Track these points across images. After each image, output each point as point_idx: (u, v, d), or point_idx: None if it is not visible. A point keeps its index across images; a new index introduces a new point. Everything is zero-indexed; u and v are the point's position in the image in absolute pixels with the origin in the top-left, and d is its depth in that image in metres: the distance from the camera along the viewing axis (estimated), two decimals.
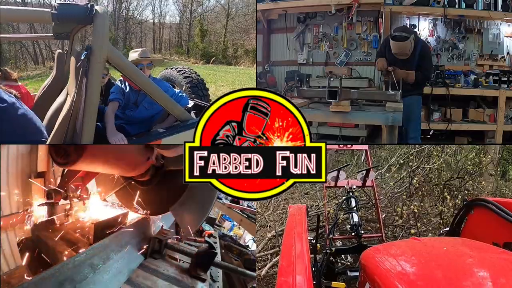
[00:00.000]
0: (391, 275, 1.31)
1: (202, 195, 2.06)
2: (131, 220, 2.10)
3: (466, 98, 5.16)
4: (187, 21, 19.38)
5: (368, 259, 1.57)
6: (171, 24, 19.97)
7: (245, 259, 3.82)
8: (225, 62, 17.94)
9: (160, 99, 2.69)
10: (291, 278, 1.32)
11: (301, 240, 1.73)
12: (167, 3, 20.01)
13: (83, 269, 1.37)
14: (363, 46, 5.85)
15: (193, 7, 19.13)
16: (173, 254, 1.95)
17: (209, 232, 3.30)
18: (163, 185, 2.14)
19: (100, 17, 2.34)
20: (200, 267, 1.88)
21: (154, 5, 19.66)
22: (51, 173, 3.15)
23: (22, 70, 14.48)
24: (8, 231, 2.73)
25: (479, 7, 5.10)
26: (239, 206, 5.73)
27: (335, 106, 3.91)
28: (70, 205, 2.01)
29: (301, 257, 1.50)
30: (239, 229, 6.37)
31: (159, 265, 1.85)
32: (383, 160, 6.32)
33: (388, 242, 2.61)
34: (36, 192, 2.97)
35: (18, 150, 2.97)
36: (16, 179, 2.92)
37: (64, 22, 2.48)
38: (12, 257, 2.74)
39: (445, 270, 1.23)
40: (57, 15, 2.37)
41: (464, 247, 1.52)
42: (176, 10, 19.86)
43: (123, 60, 2.54)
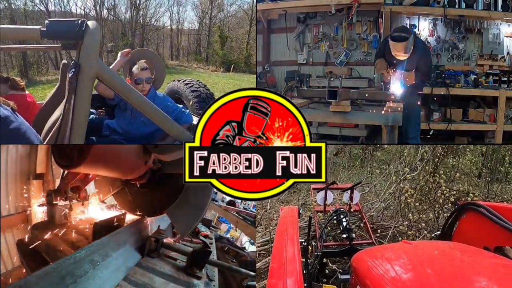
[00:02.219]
0: (382, 278, 1.30)
1: (196, 198, 2.10)
2: (129, 220, 2.17)
3: (466, 98, 5.16)
4: (206, 28, 18.82)
5: (359, 262, 1.57)
6: (189, 30, 19.49)
7: (241, 261, 3.84)
8: (247, 71, 17.23)
9: (155, 118, 2.52)
10: (281, 281, 1.32)
11: (293, 242, 1.72)
12: (186, 9, 19.68)
13: (84, 264, 1.43)
14: (363, 46, 5.85)
15: (213, 13, 18.57)
16: (169, 253, 2.01)
17: (205, 233, 3.36)
18: (159, 188, 2.18)
19: (90, 33, 2.29)
20: (195, 265, 1.94)
21: (172, 11, 19.36)
22: (50, 175, 3.15)
23: (44, 75, 14.71)
24: (7, 232, 2.76)
25: (479, 7, 5.10)
26: (235, 208, 5.76)
27: (335, 106, 3.92)
28: (69, 206, 2.04)
29: (292, 260, 1.49)
30: (236, 231, 6.39)
31: (155, 263, 1.90)
32: (380, 161, 6.34)
33: (379, 245, 2.60)
34: (35, 193, 2.98)
35: (18, 152, 2.98)
36: (15, 180, 2.94)
37: (54, 39, 2.47)
38: (10, 257, 2.76)
39: (436, 274, 1.23)
40: (46, 32, 2.35)
41: (455, 251, 1.52)
42: (195, 16, 19.43)
43: (114, 77, 2.44)
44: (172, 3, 18.79)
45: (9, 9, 14.96)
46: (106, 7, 17.28)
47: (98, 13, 16.97)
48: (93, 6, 17.01)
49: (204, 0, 18.74)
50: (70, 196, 2.05)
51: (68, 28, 2.30)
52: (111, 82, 2.41)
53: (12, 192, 2.92)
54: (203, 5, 18.77)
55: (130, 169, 2.01)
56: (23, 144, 1.64)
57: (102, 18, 16.75)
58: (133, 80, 3.07)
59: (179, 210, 2.11)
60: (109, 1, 17.23)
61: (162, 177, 2.18)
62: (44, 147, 3.13)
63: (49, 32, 2.36)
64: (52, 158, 3.08)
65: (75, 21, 2.33)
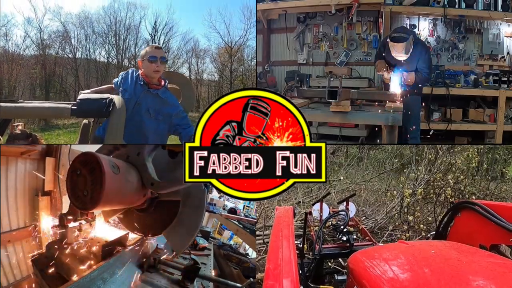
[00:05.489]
0: (379, 278, 1.31)
1: (189, 221, 2.33)
2: (131, 239, 2.43)
3: (466, 98, 5.17)
4: (227, 79, 18.54)
5: (356, 263, 1.57)
6: (209, 82, 19.17)
7: (244, 267, 3.86)
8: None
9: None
10: (278, 283, 1.31)
11: (288, 243, 1.72)
12: (204, 61, 19.52)
13: (97, 281, 1.74)
14: (363, 46, 5.86)
15: (233, 66, 18.28)
16: (166, 268, 2.32)
17: (203, 245, 3.46)
18: (157, 212, 2.43)
19: (117, 112, 2.44)
20: (187, 279, 2.24)
21: (190, 62, 19.16)
22: (58, 192, 3.24)
23: (60, 119, 15.31)
24: (16, 244, 2.91)
25: (479, 7, 5.10)
26: (236, 217, 5.81)
27: (335, 106, 3.91)
28: (79, 227, 2.27)
29: (288, 261, 1.49)
30: (239, 238, 6.42)
31: (154, 278, 2.19)
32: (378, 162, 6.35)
33: (376, 246, 2.59)
34: (43, 209, 3.10)
35: (26, 168, 3.08)
36: (23, 195, 3.06)
37: (83, 117, 2.68)
38: (19, 268, 2.88)
39: (433, 274, 1.23)
40: (76, 111, 2.51)
41: (452, 250, 1.52)
42: (214, 68, 19.29)
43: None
44: (190, 55, 18.84)
45: (42, 56, 16.49)
46: (127, 57, 18.12)
47: (120, 62, 17.97)
48: (115, 55, 18.06)
49: (222, 53, 18.81)
50: (80, 218, 2.24)
51: (97, 107, 2.48)
52: (134, 159, 2.42)
53: (20, 207, 3.02)
54: (222, 58, 18.82)
55: (133, 203, 2.26)
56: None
57: (123, 66, 17.66)
58: (146, 59, 2.77)
59: (174, 231, 2.33)
60: (130, 52, 18.11)
61: (159, 203, 2.41)
62: (51, 166, 3.26)
63: (79, 111, 2.53)
64: (58, 174, 3.29)
65: (103, 100, 2.50)
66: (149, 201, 2.36)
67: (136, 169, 2.19)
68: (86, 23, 17.41)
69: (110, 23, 18.02)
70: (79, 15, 17.26)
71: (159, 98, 2.85)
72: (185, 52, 19.04)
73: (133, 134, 2.75)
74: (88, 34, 17.63)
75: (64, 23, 16.90)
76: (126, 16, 18.02)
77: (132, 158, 2.23)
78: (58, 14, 16.79)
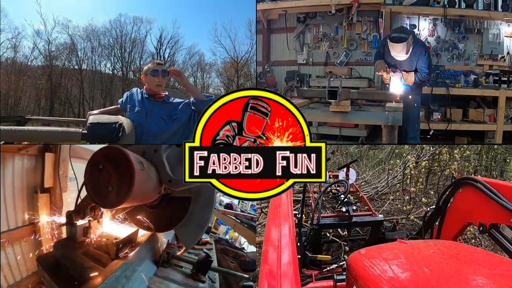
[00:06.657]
0: (378, 278, 1.31)
1: (199, 218, 2.38)
2: (142, 235, 2.46)
3: (466, 98, 5.17)
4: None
5: (355, 262, 1.56)
6: (216, 96, 19.66)
7: (241, 261, 3.93)
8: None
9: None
10: (275, 267, 1.29)
11: (287, 220, 1.69)
12: (210, 75, 19.58)
13: (121, 280, 1.81)
14: (363, 46, 5.86)
15: (240, 81, 18.38)
16: (178, 262, 2.39)
17: (205, 239, 3.54)
18: (167, 209, 2.45)
19: (126, 137, 2.51)
20: (200, 272, 2.31)
21: (196, 76, 19.35)
22: (58, 189, 3.20)
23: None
24: (15, 244, 2.85)
25: (479, 7, 5.11)
26: (233, 212, 5.82)
27: (335, 106, 3.91)
28: (88, 225, 2.24)
29: (287, 243, 1.46)
30: (234, 232, 6.44)
31: (169, 272, 2.26)
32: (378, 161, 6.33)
33: (375, 245, 2.58)
34: (42, 206, 3.03)
35: (23, 165, 3.03)
36: (21, 193, 3.00)
37: (93, 142, 2.67)
38: (18, 268, 2.83)
39: (432, 273, 1.23)
40: (87, 136, 2.55)
41: (451, 249, 1.52)
42: (220, 83, 19.32)
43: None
44: (195, 69, 19.10)
45: (49, 68, 16.87)
46: (132, 70, 18.33)
47: (125, 74, 18.26)
48: (120, 68, 18.35)
49: (228, 67, 18.76)
50: (88, 215, 2.22)
51: (107, 132, 2.55)
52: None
53: (19, 206, 2.97)
54: (228, 72, 18.81)
55: (149, 199, 2.27)
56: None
57: (128, 79, 17.96)
58: (149, 73, 2.91)
59: (185, 227, 2.38)
60: (135, 65, 18.35)
61: (170, 199, 2.42)
62: (51, 162, 3.23)
63: (90, 136, 2.58)
64: (59, 171, 3.25)
65: (113, 125, 2.56)
66: (161, 197, 2.37)
67: (154, 166, 2.17)
68: (93, 36, 17.93)
69: (116, 36, 18.34)
70: (86, 28, 17.78)
71: (166, 103, 2.98)
72: (190, 66, 19.22)
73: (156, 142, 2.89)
74: (95, 46, 18.11)
75: (72, 36, 17.42)
76: (132, 30, 18.55)
77: (148, 155, 2.22)
78: (66, 27, 17.34)
